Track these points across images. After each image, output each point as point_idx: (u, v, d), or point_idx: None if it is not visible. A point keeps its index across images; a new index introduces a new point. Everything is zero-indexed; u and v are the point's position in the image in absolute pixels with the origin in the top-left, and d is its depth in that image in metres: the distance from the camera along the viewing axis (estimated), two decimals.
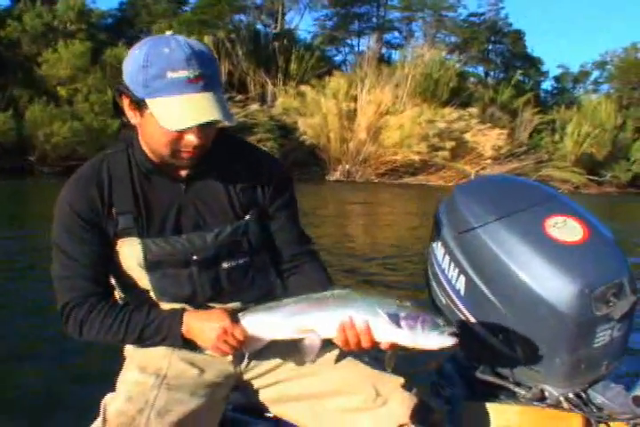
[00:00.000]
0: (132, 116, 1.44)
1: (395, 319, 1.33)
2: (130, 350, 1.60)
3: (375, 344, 1.38)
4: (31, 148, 18.62)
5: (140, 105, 1.39)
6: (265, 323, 1.44)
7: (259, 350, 1.50)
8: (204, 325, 1.42)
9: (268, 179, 1.60)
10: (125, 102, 1.42)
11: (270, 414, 1.61)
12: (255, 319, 1.44)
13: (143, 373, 1.49)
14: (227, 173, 1.56)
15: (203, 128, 1.38)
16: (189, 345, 1.48)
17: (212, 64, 1.38)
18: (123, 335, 1.47)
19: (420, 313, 1.34)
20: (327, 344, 1.46)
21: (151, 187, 1.52)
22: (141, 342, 1.50)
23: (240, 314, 1.45)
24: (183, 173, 1.53)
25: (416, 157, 24.62)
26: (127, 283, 1.55)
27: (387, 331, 1.35)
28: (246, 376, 1.60)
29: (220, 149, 1.55)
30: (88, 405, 1.57)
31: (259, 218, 1.58)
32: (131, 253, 1.49)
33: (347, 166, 24.44)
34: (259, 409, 1.61)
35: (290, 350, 1.54)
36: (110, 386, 1.51)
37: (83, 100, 19.64)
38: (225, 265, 1.52)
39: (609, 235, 1.66)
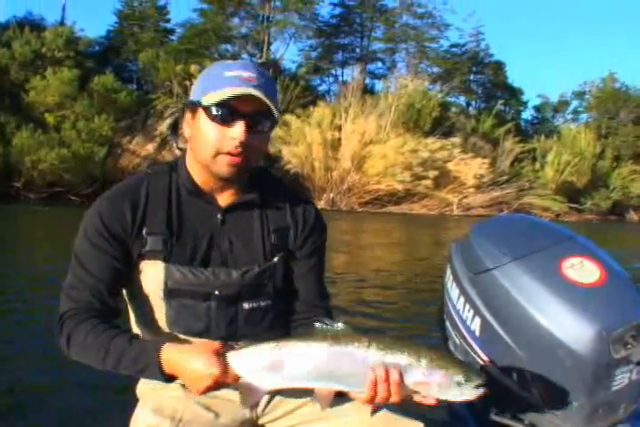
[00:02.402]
0: (188, 131, 1.48)
1: (425, 374, 1.24)
2: (143, 391, 1.57)
3: (404, 399, 1.27)
4: (17, 174, 18.54)
5: (195, 107, 1.43)
6: (263, 373, 1.28)
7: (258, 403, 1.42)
8: (191, 368, 1.27)
9: (303, 223, 1.58)
10: (187, 117, 1.47)
11: None
12: (251, 366, 1.29)
13: (158, 415, 1.45)
14: (264, 210, 1.55)
15: (250, 129, 1.40)
16: (172, 381, 1.35)
17: (268, 79, 1.45)
18: (101, 359, 1.34)
19: (448, 367, 1.25)
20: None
21: (188, 212, 1.50)
22: (119, 371, 1.37)
23: (233, 355, 1.29)
24: (223, 200, 1.52)
25: (399, 186, 24.84)
26: (141, 307, 1.50)
27: (416, 386, 1.25)
28: (262, 420, 1.57)
29: (261, 186, 1.55)
30: None
31: (286, 262, 1.55)
32: (152, 276, 1.45)
33: (331, 195, 24.53)
34: None
35: (307, 393, 1.51)
36: None
37: (70, 128, 19.64)
38: (246, 306, 1.48)
39: (626, 276, 1.66)
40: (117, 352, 1.33)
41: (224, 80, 1.39)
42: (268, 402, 1.56)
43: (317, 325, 1.29)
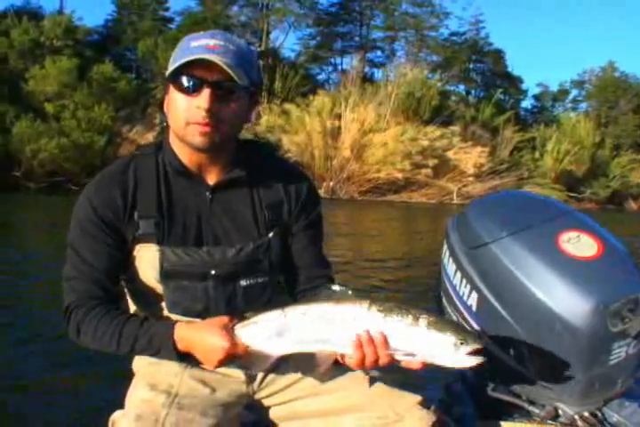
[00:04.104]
0: (166, 107, 1.45)
1: (416, 335, 1.24)
2: (139, 366, 1.56)
3: (392, 362, 1.29)
4: (17, 163, 18.46)
5: (168, 82, 1.41)
6: (272, 339, 1.33)
7: (269, 368, 1.44)
8: (202, 343, 1.33)
9: (297, 197, 1.56)
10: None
11: None
12: (259, 335, 1.33)
13: (153, 391, 1.44)
14: (254, 186, 1.53)
15: (216, 97, 1.36)
16: (186, 359, 1.40)
17: (238, 47, 1.42)
18: (115, 345, 1.39)
19: (442, 327, 1.24)
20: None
21: (177, 193, 1.48)
22: (135, 354, 1.45)
23: (240, 327, 1.35)
24: (211, 178, 1.50)
25: (399, 175, 24.75)
26: (139, 291, 1.50)
27: (407, 347, 1.26)
28: (258, 395, 1.56)
29: (250, 161, 1.53)
30: (93, 420, 1.53)
31: (282, 236, 1.54)
32: (147, 260, 1.44)
33: (331, 184, 24.46)
34: None
35: (303, 368, 1.51)
36: (118, 403, 1.47)
37: (70, 117, 19.55)
38: (243, 283, 1.48)
39: (623, 250, 1.65)
40: (131, 337, 1.37)
41: (190, 50, 1.37)
42: (265, 377, 1.55)
43: (322, 290, 1.35)
